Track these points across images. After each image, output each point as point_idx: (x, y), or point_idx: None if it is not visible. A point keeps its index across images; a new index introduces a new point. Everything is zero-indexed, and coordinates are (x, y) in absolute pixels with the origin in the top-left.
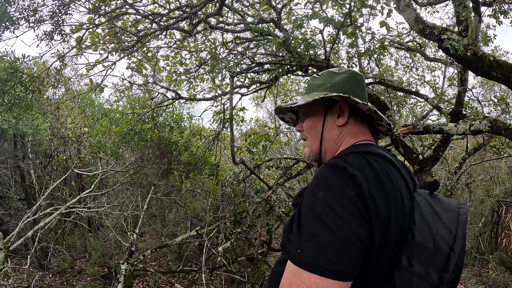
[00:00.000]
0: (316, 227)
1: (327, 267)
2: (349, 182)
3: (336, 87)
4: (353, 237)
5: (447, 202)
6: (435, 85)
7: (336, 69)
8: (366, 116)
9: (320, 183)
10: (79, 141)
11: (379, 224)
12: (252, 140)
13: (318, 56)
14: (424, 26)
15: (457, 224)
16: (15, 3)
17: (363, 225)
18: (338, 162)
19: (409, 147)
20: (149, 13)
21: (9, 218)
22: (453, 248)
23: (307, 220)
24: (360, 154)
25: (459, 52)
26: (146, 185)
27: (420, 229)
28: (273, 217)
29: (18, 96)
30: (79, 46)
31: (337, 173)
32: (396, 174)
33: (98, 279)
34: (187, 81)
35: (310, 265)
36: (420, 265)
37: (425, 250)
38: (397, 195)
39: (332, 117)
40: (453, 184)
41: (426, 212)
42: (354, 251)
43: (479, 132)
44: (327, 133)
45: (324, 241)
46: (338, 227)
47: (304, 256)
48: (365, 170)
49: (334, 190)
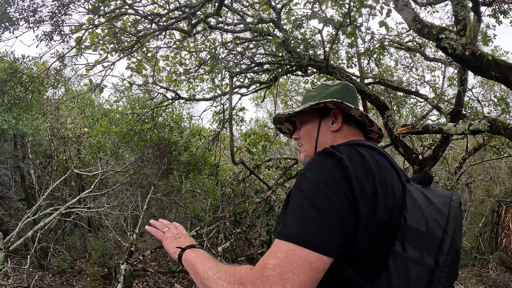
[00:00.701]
0: (300, 202)
1: (305, 237)
2: (336, 164)
3: (330, 96)
4: (334, 213)
5: (440, 191)
6: (435, 85)
7: (330, 82)
8: (359, 123)
9: (310, 165)
10: (79, 141)
11: (365, 204)
12: (252, 140)
13: (317, 56)
14: (422, 25)
15: (449, 207)
16: (15, 4)
17: (345, 203)
18: (328, 149)
19: (408, 147)
20: (148, 14)
21: (9, 218)
22: (446, 230)
23: (293, 198)
24: (351, 145)
25: (457, 51)
26: (146, 185)
27: (412, 213)
28: (273, 217)
29: (18, 97)
30: (78, 46)
31: (326, 157)
32: (386, 163)
33: (98, 279)
34: (186, 81)
35: (289, 235)
36: (414, 249)
37: (418, 234)
38: (386, 180)
39: (326, 123)
40: (453, 184)
41: (418, 198)
42: (334, 226)
43: (478, 132)
44: (321, 138)
45: (305, 214)
46: (320, 201)
47: (285, 228)
48: (352, 156)
49: (320, 170)
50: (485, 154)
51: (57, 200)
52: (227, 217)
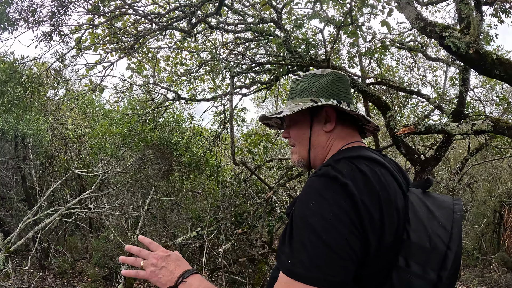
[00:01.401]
0: (308, 237)
1: (318, 276)
2: (340, 191)
3: (321, 91)
4: (346, 246)
5: (441, 199)
6: (436, 85)
7: (319, 71)
8: (353, 118)
9: (312, 192)
10: (80, 142)
11: (374, 231)
12: (253, 141)
13: (318, 56)
14: (425, 24)
15: (452, 222)
16: (14, 4)
17: (355, 234)
18: (329, 172)
19: (410, 148)
20: (148, 13)
21: (10, 219)
22: (449, 246)
23: (298, 231)
24: (350, 159)
25: (461, 50)
26: (146, 186)
27: (415, 229)
28: (274, 217)
29: (18, 97)
30: (78, 47)
31: (329, 183)
32: (388, 176)
33: (99, 280)
34: (187, 81)
35: (301, 276)
36: (418, 264)
37: (421, 250)
38: (390, 197)
39: (318, 123)
40: (455, 185)
41: (420, 212)
42: (346, 260)
43: (481, 132)
44: (314, 139)
45: (315, 251)
46: (330, 236)
47: (295, 266)
48: (355, 177)
49: (325, 200)
50: (487, 154)
51: (58, 200)
52: (228, 218)
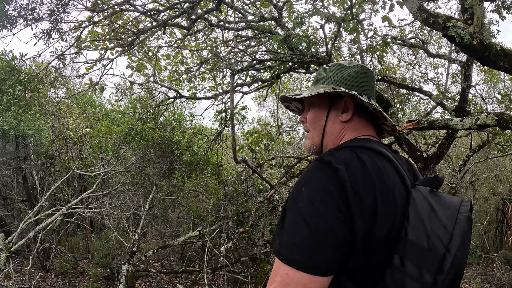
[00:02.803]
0: (295, 220)
1: (299, 259)
2: (331, 176)
3: (344, 81)
4: (328, 232)
5: (448, 200)
6: (438, 82)
7: (346, 62)
8: (371, 113)
9: (305, 176)
10: (81, 142)
11: (363, 219)
12: (254, 139)
13: (319, 53)
14: (428, 15)
15: (455, 222)
16: (13, 2)
17: (341, 220)
18: (324, 156)
19: (413, 145)
20: (147, 9)
21: (11, 219)
22: (448, 248)
23: (289, 214)
24: (352, 148)
25: (465, 40)
26: (148, 185)
27: (414, 226)
28: (276, 216)
29: (17, 96)
30: (77, 44)
31: (321, 167)
32: (390, 169)
33: (101, 280)
34: (188, 80)
35: (285, 257)
36: (413, 265)
37: (418, 249)
38: (387, 190)
39: (336, 112)
40: (457, 182)
41: (422, 209)
42: (328, 246)
43: (485, 126)
44: (329, 127)
45: (300, 234)
46: (314, 221)
47: (282, 248)
48: (351, 164)
49: (316, 184)
50: (490, 151)
51: (59, 200)
52: (229, 217)
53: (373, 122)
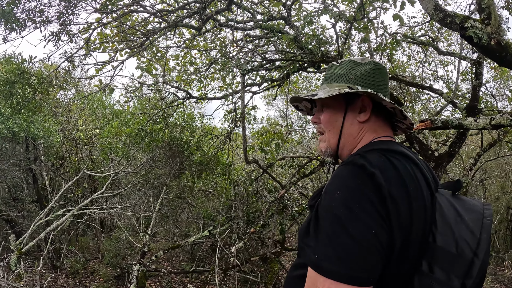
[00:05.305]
0: (333, 229)
1: (343, 272)
2: (367, 181)
3: (359, 79)
4: (373, 240)
5: (471, 203)
6: (448, 80)
7: (358, 59)
8: (388, 112)
9: (337, 182)
10: (91, 143)
11: (399, 226)
12: (264, 139)
13: (329, 52)
14: (444, 14)
15: (481, 227)
16: (21, 4)
17: (382, 226)
18: (357, 160)
19: (424, 144)
20: (156, 10)
21: (22, 220)
22: (476, 253)
23: (324, 223)
24: (381, 151)
25: (483, 41)
26: (158, 185)
27: (441, 232)
28: (287, 216)
29: (27, 98)
30: (87, 46)
31: (355, 171)
32: (418, 173)
33: (111, 280)
34: (197, 80)
35: (326, 271)
36: (442, 271)
37: (447, 255)
38: (419, 195)
39: (353, 112)
40: (468, 181)
41: (448, 214)
42: (373, 255)
43: (500, 126)
44: (347, 129)
45: (341, 245)
46: (356, 229)
47: (321, 261)
48: (385, 168)
49: (351, 189)
50: (500, 150)
51: (70, 201)
52: (240, 217)
53: (389, 120)
